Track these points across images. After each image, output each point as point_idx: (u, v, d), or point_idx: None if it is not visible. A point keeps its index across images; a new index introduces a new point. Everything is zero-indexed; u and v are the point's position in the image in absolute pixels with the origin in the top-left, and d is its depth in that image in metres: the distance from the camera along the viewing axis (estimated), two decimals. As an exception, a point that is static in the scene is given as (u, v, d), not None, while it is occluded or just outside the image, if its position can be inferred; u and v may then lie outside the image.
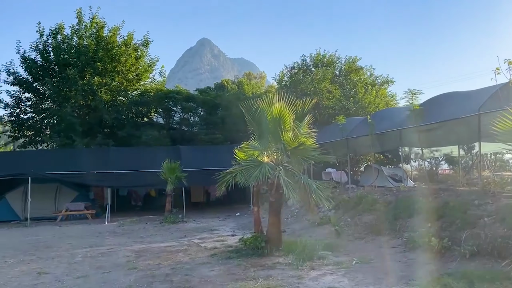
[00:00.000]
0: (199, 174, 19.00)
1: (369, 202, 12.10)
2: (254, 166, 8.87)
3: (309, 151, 8.88)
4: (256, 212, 9.91)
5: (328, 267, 7.69)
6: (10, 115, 23.91)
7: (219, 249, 9.93)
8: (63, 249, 10.69)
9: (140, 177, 18.73)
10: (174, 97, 24.67)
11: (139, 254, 9.71)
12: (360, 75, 27.75)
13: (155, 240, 11.99)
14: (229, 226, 14.99)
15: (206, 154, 20.96)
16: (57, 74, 23.88)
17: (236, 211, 19.84)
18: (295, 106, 9.25)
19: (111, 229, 14.95)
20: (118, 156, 19.93)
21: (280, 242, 9.29)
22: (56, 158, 19.77)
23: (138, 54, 25.61)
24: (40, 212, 19.36)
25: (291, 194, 8.30)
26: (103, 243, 11.59)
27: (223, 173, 9.79)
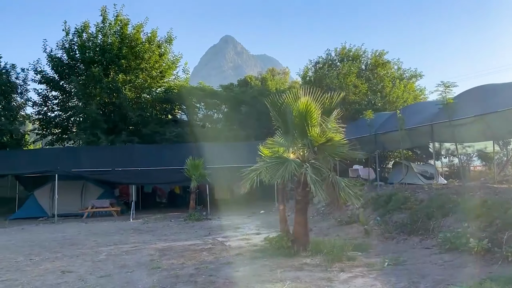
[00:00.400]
0: (222, 171, 18.86)
1: (399, 200, 11.61)
2: (279, 163, 8.56)
3: (337, 147, 8.50)
4: (282, 211, 9.59)
5: (359, 268, 7.31)
6: (38, 113, 24.34)
7: (244, 248, 9.67)
8: (87, 247, 10.66)
9: (164, 174, 18.70)
10: (197, 94, 24.57)
11: (163, 252, 9.55)
12: (387, 69, 27.00)
13: (179, 238, 11.84)
14: (254, 224, 14.73)
15: (229, 151, 20.75)
16: (82, 72, 24.16)
17: (260, 209, 19.58)
18: (322, 101, 8.87)
19: (136, 226, 14.92)
20: (143, 153, 19.96)
21: (307, 241, 8.95)
22: (82, 155, 19.94)
23: (162, 51, 25.63)
24: (66, 209, 19.62)
25: (318, 192, 7.96)
26: (127, 241, 11.52)
27: (248, 170, 9.50)
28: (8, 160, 19.17)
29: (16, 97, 23.60)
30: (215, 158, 19.22)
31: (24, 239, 12.42)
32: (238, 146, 21.51)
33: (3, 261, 9.11)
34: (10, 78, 22.63)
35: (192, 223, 15.31)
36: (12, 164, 18.86)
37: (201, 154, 18.57)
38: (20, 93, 23.86)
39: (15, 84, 23.08)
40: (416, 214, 10.20)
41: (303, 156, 9.02)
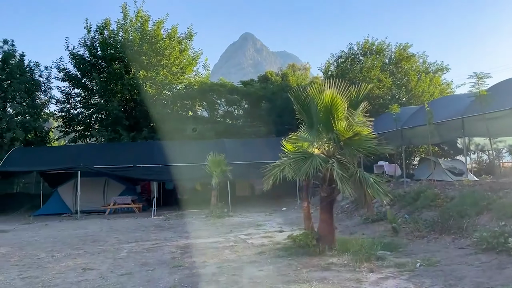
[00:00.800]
0: (244, 167, 18.63)
1: (429, 197, 11.13)
2: (303, 158, 8.23)
3: (365, 141, 8.10)
4: (306, 208, 9.26)
5: (389, 269, 6.92)
6: (61, 110, 24.61)
7: (267, 246, 9.39)
8: (109, 244, 10.57)
9: (185, 171, 18.58)
10: (218, 90, 24.39)
11: (184, 250, 9.36)
12: (412, 62, 26.22)
13: (200, 235, 11.64)
14: (276, 221, 14.44)
15: (250, 147, 20.55)
16: (104, 69, 24.29)
17: (282, 206, 19.28)
18: (348, 93, 8.48)
19: (157, 223, 14.83)
20: (164, 150, 19.89)
21: (333, 240, 8.60)
22: (104, 152, 20.04)
23: (182, 47, 25.56)
24: (89, 205, 19.76)
25: (345, 188, 7.61)
26: (148, 238, 11.39)
27: (270, 166, 9.21)
28: (33, 157, 19.39)
29: (40, 95, 23.91)
30: (236, 154, 19.05)
31: (47, 235, 12.46)
32: (259, 142, 21.27)
33: (26, 257, 9.08)
34: (34, 76, 22.93)
35: (213, 220, 15.12)
36: (37, 161, 19.07)
37: (222, 150, 18.39)
38: (44, 91, 24.17)
39: (39, 82, 23.36)
40: (447, 212, 9.72)
41: (328, 151, 8.67)
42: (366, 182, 7.95)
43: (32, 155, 19.58)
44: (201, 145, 20.73)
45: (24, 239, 11.90)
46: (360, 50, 27.03)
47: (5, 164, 17.75)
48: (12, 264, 8.41)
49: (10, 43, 21.30)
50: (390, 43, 27.05)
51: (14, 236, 12.59)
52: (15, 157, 18.41)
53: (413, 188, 12.92)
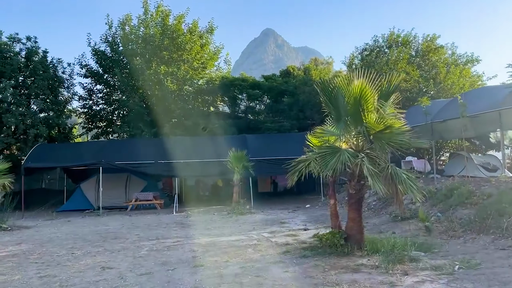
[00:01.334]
0: (266, 163, 18.25)
1: (463, 195, 10.48)
2: (331, 153, 7.75)
3: (397, 135, 7.57)
4: (333, 205, 8.79)
5: (425, 272, 6.42)
6: (83, 106, 24.72)
7: (292, 246, 8.98)
8: (130, 241, 10.35)
9: (207, 167, 18.34)
10: (239, 85, 24.01)
11: (206, 248, 9.04)
12: (440, 54, 25.20)
13: (222, 233, 11.31)
14: (300, 218, 14.00)
15: (272, 142, 20.12)
16: (125, 65, 24.25)
17: (305, 203, 18.82)
18: (378, 83, 7.96)
19: (178, 220, 14.60)
20: (185, 146, 19.69)
21: (362, 239, 8.11)
22: (126, 148, 19.97)
23: (203, 42, 25.28)
24: (111, 201, 19.76)
25: (376, 185, 7.12)
26: (170, 235, 11.13)
27: (295, 161, 8.78)
28: (56, 153, 19.48)
29: (63, 92, 24.05)
30: (258, 150, 18.66)
31: (68, 232, 12.37)
32: (281, 138, 20.83)
33: (46, 254, 8.94)
34: (57, 72, 23.05)
35: (235, 217, 14.79)
36: (59, 157, 19.15)
37: (244, 146, 18.04)
38: (67, 88, 24.29)
39: (62, 78, 23.50)
40: (484, 210, 9.09)
41: (357, 145, 8.18)
42: (399, 178, 7.42)
43: (55, 152, 19.67)
44: (222, 140, 20.42)
45: (46, 235, 11.83)
46: (385, 42, 26.18)
47: (28, 160, 17.85)
48: (31, 261, 8.26)
49: (33, 39, 21.47)
50: (416, 34, 26.12)
51: (36, 232, 12.56)
52: (38, 153, 18.50)
53: (445, 184, 12.26)
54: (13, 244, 10.50)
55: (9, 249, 9.80)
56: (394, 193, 7.74)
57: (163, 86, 22.74)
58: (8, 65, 19.58)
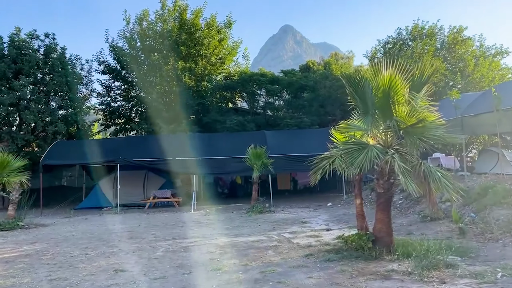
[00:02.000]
0: (285, 160, 17.73)
1: (499, 194, 9.75)
2: (358, 149, 7.18)
3: (431, 129, 6.95)
4: (359, 205, 8.22)
5: (464, 280, 5.80)
6: (101, 103, 24.61)
7: (315, 248, 8.45)
8: (145, 241, 9.99)
9: (225, 164, 17.93)
10: (258, 80, 23.46)
11: (224, 250, 8.59)
12: (467, 46, 24.15)
13: (241, 232, 10.86)
14: (321, 218, 13.44)
15: (292, 139, 19.57)
16: (143, 61, 24.02)
17: (326, 201, 18.24)
18: (409, 73, 7.34)
19: (196, 219, 14.23)
20: (203, 142, 19.33)
21: (391, 242, 7.52)
22: (143, 145, 19.73)
23: (221, 37, 24.83)
24: (130, 199, 19.58)
25: (409, 184, 6.52)
26: (187, 235, 10.74)
27: (318, 158, 8.23)
28: (74, 150, 19.37)
29: (81, 88, 23.99)
30: (277, 146, 18.14)
31: (84, 230, 12.12)
32: (302, 134, 20.26)
33: (59, 255, 8.64)
34: (75, 69, 22.98)
35: (255, 216, 14.33)
36: (77, 154, 19.02)
37: (263, 142, 17.52)
38: (86, 84, 24.22)
39: (80, 75, 23.42)
40: (525, 211, 8.38)
41: (386, 141, 7.58)
42: (432, 176, 6.81)
43: (73, 149, 19.56)
44: (241, 137, 19.99)
45: (62, 234, 11.60)
46: (409, 35, 25.27)
47: (46, 157, 17.77)
48: (43, 262, 7.96)
49: (51, 36, 21.40)
50: (442, 26, 25.12)
51: (52, 231, 12.36)
52: (56, 151, 18.41)
53: (478, 182, 11.53)
54: (28, 243, 10.27)
55: (23, 248, 9.56)
56: (427, 193, 7.13)
57: (181, 82, 22.40)
58: (27, 62, 19.53)
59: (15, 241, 10.70)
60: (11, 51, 19.54)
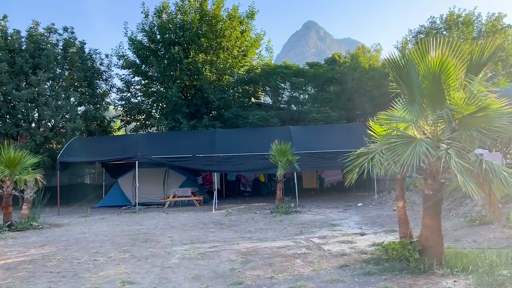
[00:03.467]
0: (312, 157, 16.65)
1: None
2: (403, 143, 6.09)
3: (493, 119, 5.79)
4: (402, 209, 7.13)
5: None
6: (121, 98, 24.02)
7: (350, 256, 7.39)
8: (161, 245, 9.14)
9: (248, 161, 17.00)
10: (282, 72, 22.33)
11: (246, 257, 7.63)
12: (507, 35, 22.45)
13: (266, 236, 9.88)
14: (353, 220, 12.32)
15: (319, 134, 18.44)
16: (163, 55, 23.26)
17: (356, 201, 17.09)
18: (464, 54, 6.19)
19: (217, 219, 13.33)
20: (225, 139, 18.44)
21: (442, 253, 6.40)
22: (164, 141, 19.00)
23: (243, 28, 23.80)
24: (149, 197, 18.93)
25: (468, 184, 5.39)
26: (206, 238, 9.84)
27: (353, 154, 7.15)
28: (92, 147, 18.84)
29: (101, 84, 23.48)
30: (303, 142, 17.07)
31: (98, 232, 11.39)
32: (328, 129, 19.09)
33: (66, 260, 7.87)
34: (94, 64, 22.45)
35: (279, 217, 13.33)
36: (96, 150, 18.47)
37: (288, 138, 16.47)
38: (105, 80, 23.69)
39: (100, 70, 22.89)
40: None
41: (435, 133, 6.44)
42: (496, 174, 5.66)
43: (91, 145, 19.03)
44: (264, 132, 19.01)
45: (74, 235, 10.89)
46: (443, 23, 23.70)
47: (63, 154, 17.24)
48: (47, 270, 7.18)
49: (70, 30, 20.94)
50: (480, 13, 23.45)
51: (65, 232, 11.69)
52: (74, 147, 17.89)
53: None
54: (36, 246, 9.58)
55: (30, 252, 8.85)
56: (487, 194, 5.99)
57: (202, 76, 21.53)
58: (45, 57, 19.06)
59: (24, 243, 10.04)
60: (29, 45, 19.12)
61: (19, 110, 18.25)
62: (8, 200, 11.99)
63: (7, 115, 19.02)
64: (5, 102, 18.61)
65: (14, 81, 18.29)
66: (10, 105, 18.92)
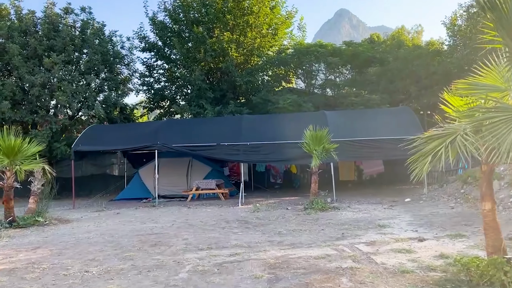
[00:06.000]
0: (352, 145, 14.65)
1: None
2: (506, 119, 4.12)
3: None
4: (490, 212, 5.16)
5: None
6: (143, 84, 22.55)
7: (413, 275, 5.48)
8: (172, 251, 7.50)
9: (278, 150, 15.18)
10: (316, 51, 20.14)
11: (275, 273, 5.84)
12: None
13: (299, 241, 8.06)
14: (403, 219, 10.30)
15: (359, 120, 16.30)
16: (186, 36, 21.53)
17: (402, 195, 15.02)
18: None
19: (243, 216, 11.62)
20: (252, 125, 16.70)
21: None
22: (186, 128, 17.44)
23: (273, 4, 21.70)
24: (172, 189, 17.57)
25: None
26: (227, 242, 8.12)
27: (424, 137, 5.21)
28: (110, 135, 17.51)
29: (122, 68, 22.12)
30: (340, 129, 15.03)
31: (105, 231, 9.90)
32: (369, 114, 16.92)
33: (51, 271, 6.34)
34: (115, 47, 21.05)
35: (314, 214, 11.47)
36: (114, 139, 17.11)
37: (323, 124, 14.41)
38: (127, 64, 22.31)
39: (120, 53, 21.49)
40: None
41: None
42: None
43: (108, 133, 17.71)
44: (297, 118, 17.11)
45: (77, 235, 9.43)
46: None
47: (78, 142, 15.96)
48: (25, 283, 5.68)
49: (87, 10, 19.60)
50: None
51: (70, 230, 10.28)
52: (90, 135, 16.62)
53: None
54: (28, 249, 8.15)
55: (17, 257, 7.41)
56: None
57: (227, 57, 19.73)
58: (60, 38, 17.76)
59: (17, 245, 8.64)
60: (43, 26, 17.88)
61: (33, 96, 17.07)
62: (9, 193, 10.68)
63: (23, 101, 17.90)
64: (19, 88, 17.53)
65: (27, 64, 17.11)
66: (25, 91, 17.79)
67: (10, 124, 17.81)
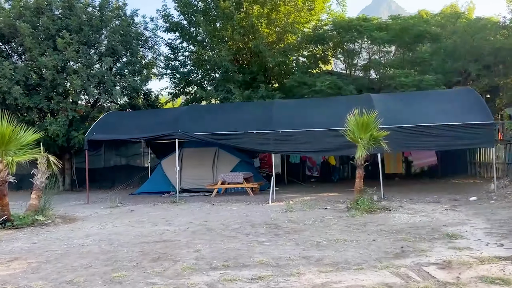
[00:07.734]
0: (401, 133, 12.39)
1: None
2: None
3: None
4: None
5: None
6: (166, 66, 20.86)
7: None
8: (174, 271, 5.67)
9: (315, 139, 13.10)
10: (359, 26, 17.64)
11: (313, 320, 3.90)
12: None
13: (345, 258, 6.03)
14: (476, 226, 8.03)
15: (411, 104, 13.91)
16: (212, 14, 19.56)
17: (461, 191, 12.80)
18: None
19: (273, 218, 9.68)
20: (285, 111, 14.67)
21: None
22: (210, 115, 15.66)
23: (309, -26, 19.36)
24: (196, 182, 15.94)
25: None
26: (249, 258, 6.21)
27: None
28: (128, 122, 15.97)
29: (145, 52, 20.54)
30: (389, 114, 12.64)
31: (106, 236, 8.23)
32: (423, 97, 14.49)
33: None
34: (137, 28, 19.46)
35: (361, 217, 9.36)
36: (134, 127, 15.55)
37: (369, 109, 12.05)
38: (151, 48, 20.72)
39: (143, 35, 19.90)
40: None
41: None
42: None
43: (126, 121, 16.12)
44: (337, 103, 14.96)
45: (71, 242, 7.78)
46: None
47: (93, 131, 14.51)
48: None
49: (107, -14, 17.98)
50: None
51: (67, 233, 8.70)
52: (106, 123, 15.17)
53: None
54: (5, 260, 6.56)
55: (-19, 274, 5.83)
56: None
57: (257, 34, 17.68)
58: (75, 17, 16.28)
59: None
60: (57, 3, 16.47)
61: (47, 80, 15.74)
62: (2, 188, 9.25)
63: (38, 86, 16.64)
64: (33, 71, 16.27)
65: (41, 46, 15.77)
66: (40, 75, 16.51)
67: (26, 111, 16.74)
